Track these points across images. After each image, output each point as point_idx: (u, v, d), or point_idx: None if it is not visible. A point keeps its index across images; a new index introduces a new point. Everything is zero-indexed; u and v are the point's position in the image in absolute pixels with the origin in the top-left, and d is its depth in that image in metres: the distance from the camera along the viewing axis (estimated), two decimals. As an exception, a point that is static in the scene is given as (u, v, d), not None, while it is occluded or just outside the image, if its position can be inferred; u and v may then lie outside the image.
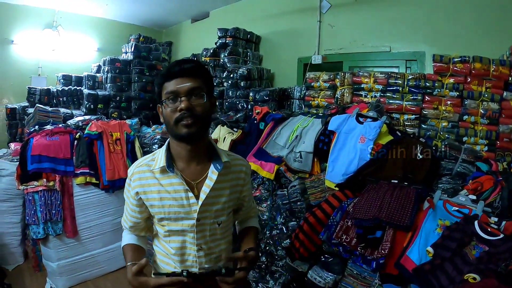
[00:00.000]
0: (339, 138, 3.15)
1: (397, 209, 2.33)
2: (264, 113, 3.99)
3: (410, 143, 2.84)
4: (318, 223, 2.69)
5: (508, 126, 3.11)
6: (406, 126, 3.48)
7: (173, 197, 1.62)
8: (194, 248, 1.67)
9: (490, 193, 2.41)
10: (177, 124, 1.52)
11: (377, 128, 2.95)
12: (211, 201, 1.66)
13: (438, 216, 2.30)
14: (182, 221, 1.64)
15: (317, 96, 4.15)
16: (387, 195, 2.45)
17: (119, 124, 4.80)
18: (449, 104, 3.31)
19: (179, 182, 1.62)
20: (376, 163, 2.82)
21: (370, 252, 2.28)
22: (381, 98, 3.61)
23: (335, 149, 3.13)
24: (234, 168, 1.78)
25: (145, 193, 1.66)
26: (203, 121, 1.57)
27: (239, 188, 1.82)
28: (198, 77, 1.56)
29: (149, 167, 1.67)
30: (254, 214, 2.08)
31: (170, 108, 1.52)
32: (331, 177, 3.05)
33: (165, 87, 1.54)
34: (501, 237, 2.00)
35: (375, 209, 2.37)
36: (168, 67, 1.58)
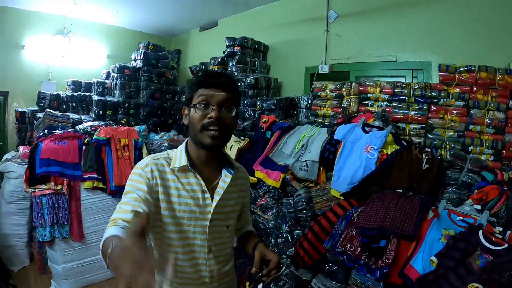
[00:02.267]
0: (345, 147, 3.15)
1: (402, 219, 2.34)
2: (271, 122, 3.99)
3: (416, 153, 2.85)
4: (323, 231, 2.71)
5: None
6: (412, 135, 3.46)
7: (190, 196, 1.64)
8: (205, 250, 1.69)
9: (495, 203, 2.40)
10: (202, 131, 1.56)
11: (383, 137, 2.96)
12: (223, 203, 1.71)
13: (442, 226, 2.30)
14: (195, 221, 1.65)
15: (324, 105, 4.16)
16: (392, 205, 2.46)
17: (128, 131, 4.85)
18: (455, 113, 3.30)
19: (196, 182, 1.66)
20: (382, 172, 2.83)
21: (374, 261, 2.29)
22: (387, 108, 3.60)
23: (340, 158, 3.13)
24: (240, 174, 1.85)
25: (165, 187, 1.62)
26: (227, 134, 1.63)
27: (243, 193, 1.89)
28: (232, 92, 1.61)
29: (168, 163, 1.67)
30: (250, 221, 2.13)
31: (200, 114, 1.56)
32: (336, 186, 3.04)
33: (199, 93, 1.58)
34: (506, 247, 2.00)
35: (379, 218, 2.38)
36: (206, 75, 1.64)
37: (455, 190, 2.72)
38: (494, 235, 2.12)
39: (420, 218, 2.34)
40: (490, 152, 3.15)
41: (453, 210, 2.43)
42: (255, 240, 1.86)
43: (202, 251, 1.69)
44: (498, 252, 2.00)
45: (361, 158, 2.98)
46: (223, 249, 1.78)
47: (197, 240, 1.67)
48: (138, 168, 1.64)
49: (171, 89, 7.26)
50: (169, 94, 7.23)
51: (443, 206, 2.46)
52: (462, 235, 2.17)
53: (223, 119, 1.56)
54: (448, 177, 2.75)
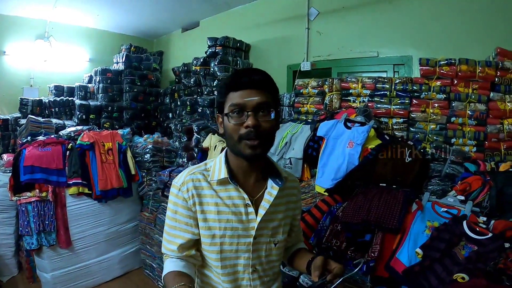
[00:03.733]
0: (328, 144, 3.15)
1: (386, 212, 2.34)
2: None
3: (399, 146, 2.85)
4: (308, 228, 2.68)
5: (495, 127, 3.10)
6: (395, 129, 3.47)
7: (232, 211, 1.48)
8: (249, 270, 1.52)
9: (478, 193, 2.43)
10: (240, 142, 1.39)
11: (365, 132, 2.95)
12: (269, 218, 1.54)
13: (426, 218, 2.32)
14: (238, 239, 1.49)
15: (306, 102, 4.15)
16: (376, 199, 2.46)
17: (111, 134, 4.80)
18: (436, 106, 3.31)
19: (239, 196, 1.50)
20: (365, 167, 2.83)
21: (360, 256, 2.30)
22: (369, 103, 3.60)
23: (324, 155, 3.14)
24: (289, 184, 1.65)
25: (201, 204, 1.50)
26: (268, 141, 1.43)
27: (292, 205, 1.68)
28: (267, 90, 1.41)
29: (205, 177, 1.53)
30: (302, 239, 1.92)
31: (235, 122, 1.38)
32: (320, 182, 3.05)
33: (230, 98, 1.40)
34: (490, 236, 2.01)
35: (363, 213, 2.38)
36: (235, 76, 1.43)
37: (438, 182, 2.73)
38: (478, 225, 2.13)
39: (404, 211, 2.34)
40: (472, 144, 3.16)
41: (437, 202, 2.44)
42: (311, 255, 1.62)
43: (246, 271, 1.53)
44: (482, 241, 2.01)
45: (344, 153, 2.97)
46: (269, 268, 1.60)
47: (240, 259, 1.52)
48: (175, 187, 1.54)
49: (154, 91, 7.21)
50: (152, 96, 7.17)
51: (426, 198, 2.47)
52: (446, 226, 2.18)
53: (261, 125, 1.37)
54: (431, 169, 2.78)
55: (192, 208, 1.50)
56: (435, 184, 2.73)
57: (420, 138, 3.31)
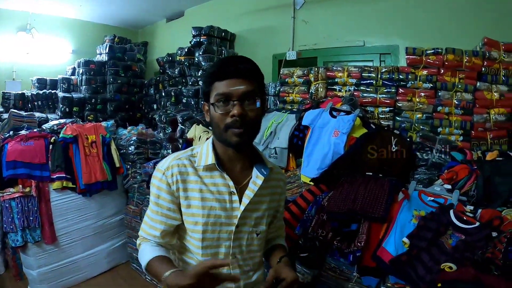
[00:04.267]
0: (313, 133, 3.11)
1: (371, 201, 2.30)
2: None
3: (385, 135, 2.81)
4: (294, 218, 2.64)
5: (482, 116, 3.10)
6: (381, 119, 3.45)
7: (216, 199, 1.48)
8: (229, 259, 1.51)
9: (465, 182, 2.39)
10: (227, 131, 1.39)
11: (351, 121, 2.91)
12: (253, 207, 1.54)
13: (413, 207, 2.28)
14: (220, 227, 1.49)
15: (292, 92, 4.11)
16: (361, 188, 2.42)
17: (95, 127, 4.71)
18: (423, 96, 3.30)
19: (224, 183, 1.50)
20: (351, 156, 2.78)
21: (347, 245, 2.24)
22: (355, 92, 3.57)
23: (309, 144, 3.10)
24: (274, 175, 1.66)
25: (186, 190, 1.48)
26: (254, 129, 1.45)
27: (277, 197, 1.70)
28: (253, 79, 1.42)
29: (191, 162, 1.52)
30: (283, 234, 1.91)
31: (221, 112, 1.38)
32: (306, 172, 3.02)
33: (216, 87, 1.40)
34: (477, 225, 1.99)
35: (349, 202, 2.34)
36: (220, 64, 1.42)
37: (425, 171, 2.71)
38: (465, 214, 2.11)
39: (390, 200, 2.30)
40: (459, 133, 3.16)
41: (424, 191, 2.41)
42: (280, 255, 1.65)
43: (226, 259, 1.50)
44: (469, 230, 1.98)
45: (330, 143, 2.93)
46: (250, 258, 1.60)
47: (221, 247, 1.51)
48: (159, 171, 1.52)
49: (139, 82, 7.09)
50: (137, 87, 7.06)
51: (413, 187, 2.44)
52: (433, 215, 2.15)
53: (247, 114, 1.38)
54: (418, 159, 2.76)
55: (175, 194, 1.49)
56: (422, 173, 2.71)
57: (407, 128, 3.32)
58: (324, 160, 2.91)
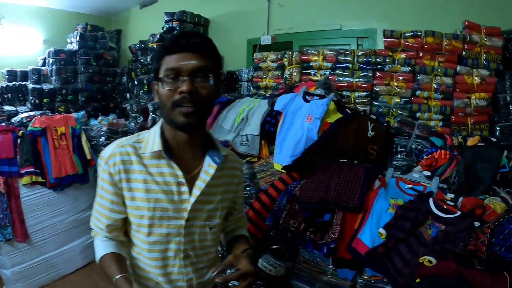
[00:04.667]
0: (285, 118, 2.97)
1: (345, 190, 2.17)
2: None
3: (361, 121, 2.70)
4: (264, 208, 2.53)
5: (462, 101, 3.05)
6: (358, 103, 3.37)
7: (162, 190, 1.35)
8: (180, 256, 1.40)
9: (445, 168, 2.30)
10: (174, 109, 1.26)
11: (324, 105, 2.76)
12: (205, 199, 1.41)
13: (390, 195, 2.16)
14: (168, 221, 1.36)
15: (265, 77, 4.00)
16: (335, 176, 2.29)
17: (64, 118, 4.48)
18: (401, 79, 3.22)
19: (171, 173, 1.36)
20: (325, 142, 2.65)
21: (320, 237, 2.15)
22: (330, 76, 3.46)
23: (282, 130, 2.96)
24: (230, 164, 1.52)
25: (129, 181, 1.36)
26: (205, 109, 1.31)
27: (233, 187, 1.56)
28: (206, 55, 1.29)
29: (136, 149, 1.38)
30: (244, 224, 1.81)
31: (169, 89, 1.25)
32: (279, 159, 2.86)
33: (165, 62, 1.27)
34: (458, 214, 1.87)
35: (322, 191, 2.21)
36: (172, 38, 1.31)
37: (403, 157, 2.61)
38: (445, 202, 1.99)
39: (365, 188, 2.17)
40: (438, 118, 3.10)
41: (401, 178, 2.28)
42: (243, 247, 1.51)
43: (177, 256, 1.40)
44: (450, 220, 1.87)
45: (303, 128, 2.78)
46: (204, 254, 1.48)
47: (171, 243, 1.39)
48: (102, 159, 1.39)
49: (111, 71, 6.80)
50: (109, 76, 6.77)
51: (390, 174, 2.31)
52: (411, 204, 2.02)
53: (198, 91, 1.26)
54: (396, 144, 2.67)
55: (119, 185, 1.36)
56: (400, 159, 2.61)
57: (384, 112, 3.25)
58: (297, 146, 2.76)
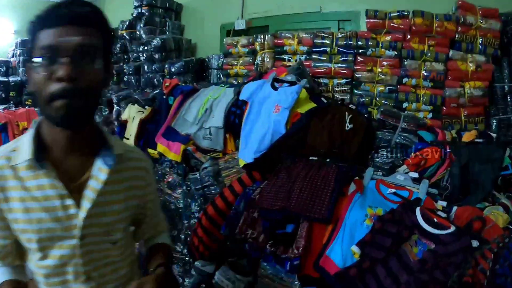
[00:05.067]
0: (251, 109, 2.66)
1: (311, 196, 1.82)
2: (172, 86, 3.51)
3: (338, 111, 2.37)
4: (219, 214, 2.25)
5: (455, 90, 2.81)
6: (336, 92, 3.11)
7: (43, 207, 1.09)
8: (81, 279, 1.16)
9: (436, 169, 1.97)
10: (51, 100, 0.98)
11: (294, 93, 2.47)
12: (100, 211, 1.16)
13: (368, 203, 1.79)
14: (60, 242, 1.12)
15: (236, 63, 3.76)
16: (300, 178, 1.93)
17: (27, 112, 4.48)
18: (385, 65, 2.96)
19: (51, 184, 1.09)
20: (294, 136, 2.33)
21: (283, 251, 1.86)
22: (306, 62, 3.19)
23: (247, 122, 2.66)
24: (130, 163, 1.28)
25: (7, 201, 1.11)
26: (91, 98, 1.05)
27: (139, 191, 1.31)
28: (94, 29, 1.02)
29: (9, 161, 1.12)
30: (164, 229, 1.56)
31: (43, 73, 0.97)
32: (243, 155, 2.58)
33: (40, 38, 0.98)
34: (452, 231, 1.50)
35: (283, 197, 1.86)
36: (50, 7, 1.01)
37: (387, 154, 2.29)
38: (436, 213, 1.62)
39: (336, 194, 1.80)
40: (427, 109, 2.87)
41: (383, 181, 1.91)
42: (157, 262, 1.30)
43: (78, 280, 1.15)
44: (441, 238, 1.49)
45: (269, 120, 2.49)
46: (112, 271, 1.25)
47: (68, 266, 1.14)
48: None
49: None
50: None
51: (369, 176, 1.94)
52: (394, 215, 1.65)
53: (81, 76, 0.98)
54: (378, 139, 2.37)
55: None
56: (383, 156, 2.31)
57: (366, 102, 3.02)
58: (262, 141, 2.48)
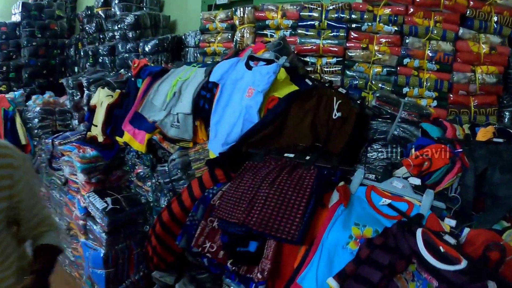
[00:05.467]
0: (222, 92, 2.36)
1: (279, 208, 1.41)
2: (141, 66, 3.18)
3: (325, 96, 2.05)
4: (174, 222, 1.94)
5: (464, 75, 2.54)
6: (325, 73, 2.85)
7: None
8: None
9: (443, 174, 1.55)
10: None
11: (271, 74, 2.12)
12: None
13: (353, 218, 1.39)
14: None
15: (214, 40, 3.51)
16: (267, 183, 1.52)
17: (-1, 98, 4.44)
18: (383, 42, 2.71)
19: None
20: (268, 126, 2.00)
21: (247, 270, 1.55)
22: (290, 37, 2.92)
23: (217, 108, 2.35)
24: None
25: None
26: None
27: (7, 192, 1.32)
28: None
29: None
30: (50, 228, 1.53)
31: None
32: (213, 146, 2.30)
33: None
34: (463, 267, 1.07)
35: (244, 208, 1.47)
36: None
37: (381, 149, 1.96)
38: (442, 238, 1.20)
39: (312, 207, 1.38)
40: (432, 96, 2.61)
41: (375, 188, 1.50)
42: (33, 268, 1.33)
43: None
44: (448, 276, 1.08)
45: (241, 106, 2.18)
46: None
47: None
48: None
49: (60, 43, 6.44)
50: (57, 48, 6.41)
51: (358, 180, 1.55)
52: (387, 239, 1.23)
53: None
54: (373, 130, 2.04)
55: None
56: (377, 150, 1.97)
57: (360, 86, 2.76)
58: (231, 131, 2.18)
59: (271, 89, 2.13)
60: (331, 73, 2.86)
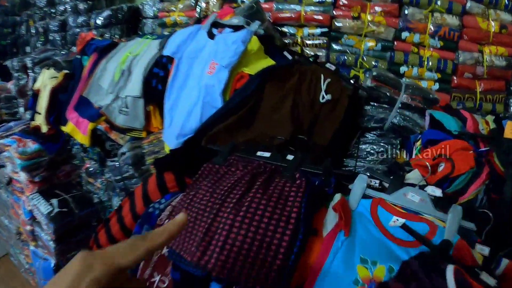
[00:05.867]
0: (178, 69, 1.91)
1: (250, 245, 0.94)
2: (87, 41, 2.79)
3: (309, 73, 1.68)
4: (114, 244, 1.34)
5: (471, 55, 2.42)
6: (307, 46, 2.61)
7: None
8: None
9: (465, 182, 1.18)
10: None
11: (239, 43, 1.70)
12: None
13: (358, 250, 0.96)
14: None
15: (174, 9, 3.21)
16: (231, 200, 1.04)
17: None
18: (378, 12, 2.50)
19: None
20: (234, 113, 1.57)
21: None
22: (266, 4, 2.59)
23: (172, 89, 1.92)
24: None
25: None
26: None
27: None
28: None
29: None
30: None
31: None
32: (167, 136, 1.91)
33: None
34: None
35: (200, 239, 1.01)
36: None
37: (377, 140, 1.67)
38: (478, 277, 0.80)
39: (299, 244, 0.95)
40: (433, 77, 2.46)
41: (384, 201, 1.07)
42: None
43: None
44: None
45: (200, 86, 1.74)
46: None
47: None
48: None
49: (10, 21, 5.99)
50: (7, 27, 5.99)
51: (361, 190, 1.11)
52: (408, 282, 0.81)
53: None
54: (367, 118, 1.71)
55: None
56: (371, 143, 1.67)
57: (348, 63, 2.54)
58: (188, 119, 1.75)
59: (239, 64, 1.71)
60: (314, 46, 2.62)
